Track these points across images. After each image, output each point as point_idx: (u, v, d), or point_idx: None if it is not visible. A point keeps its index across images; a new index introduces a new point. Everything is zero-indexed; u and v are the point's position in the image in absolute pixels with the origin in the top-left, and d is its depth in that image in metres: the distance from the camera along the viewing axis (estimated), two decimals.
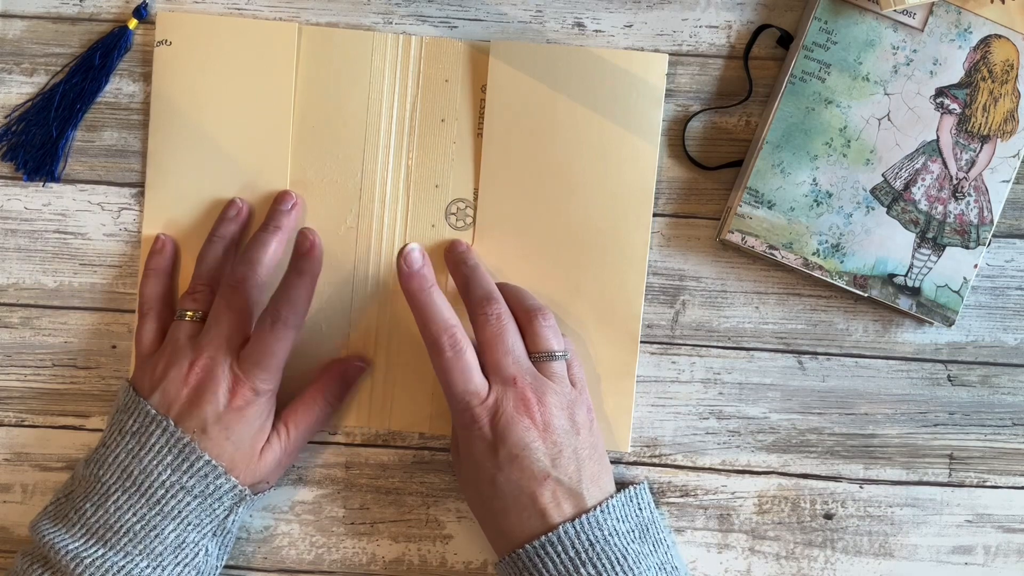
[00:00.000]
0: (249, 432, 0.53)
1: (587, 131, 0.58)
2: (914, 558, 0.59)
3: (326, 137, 0.58)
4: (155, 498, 0.51)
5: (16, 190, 0.59)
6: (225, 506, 0.52)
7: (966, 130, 0.57)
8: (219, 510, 0.52)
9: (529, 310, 0.54)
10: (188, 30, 0.58)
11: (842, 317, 0.59)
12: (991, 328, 0.59)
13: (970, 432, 0.59)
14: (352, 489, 0.59)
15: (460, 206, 0.58)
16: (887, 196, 0.57)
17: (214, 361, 0.52)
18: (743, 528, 0.59)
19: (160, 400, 0.52)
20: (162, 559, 0.51)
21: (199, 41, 0.58)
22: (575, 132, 0.58)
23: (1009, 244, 0.59)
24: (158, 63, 0.58)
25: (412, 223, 0.58)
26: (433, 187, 0.58)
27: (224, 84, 0.58)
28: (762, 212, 0.57)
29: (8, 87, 0.59)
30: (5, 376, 0.59)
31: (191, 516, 0.51)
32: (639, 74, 0.58)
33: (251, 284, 0.54)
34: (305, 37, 0.58)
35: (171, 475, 0.51)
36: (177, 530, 0.51)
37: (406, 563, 0.59)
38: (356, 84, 0.58)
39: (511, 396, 0.51)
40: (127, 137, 0.59)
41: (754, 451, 0.59)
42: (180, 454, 0.51)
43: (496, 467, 0.51)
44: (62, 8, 0.59)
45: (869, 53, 0.57)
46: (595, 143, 0.58)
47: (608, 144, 0.58)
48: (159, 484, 0.51)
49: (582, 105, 0.57)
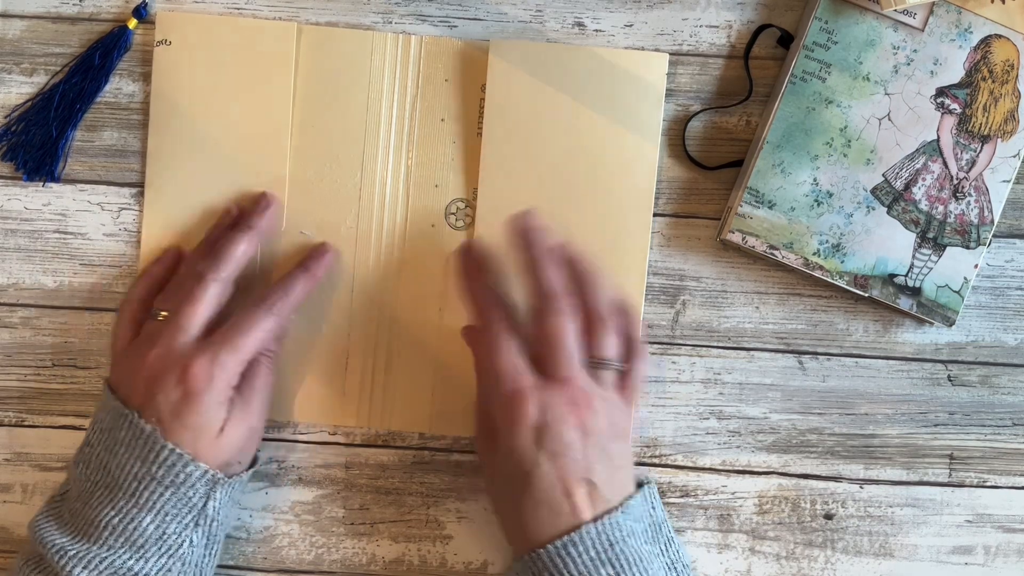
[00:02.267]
0: (206, 416, 0.52)
1: (587, 131, 0.58)
2: (914, 558, 0.59)
3: (326, 137, 0.58)
4: (130, 491, 0.51)
5: (16, 190, 0.59)
6: (200, 493, 0.52)
7: (966, 130, 0.57)
8: (195, 498, 0.51)
9: (598, 317, 0.53)
10: (188, 30, 0.58)
11: (842, 317, 0.59)
12: (991, 328, 0.59)
13: (970, 432, 0.59)
14: (352, 489, 0.59)
15: (459, 206, 0.58)
16: (888, 196, 0.57)
17: (168, 350, 0.52)
18: (743, 528, 0.59)
19: (126, 394, 0.52)
20: (145, 551, 0.51)
21: (199, 41, 0.58)
22: (575, 132, 0.58)
23: (1009, 244, 0.59)
24: (158, 63, 0.58)
25: (412, 223, 0.58)
26: (433, 187, 0.58)
27: (223, 84, 0.58)
28: (763, 212, 0.57)
29: (8, 87, 0.59)
30: (5, 376, 0.59)
31: (167, 506, 0.51)
32: (639, 73, 0.58)
33: (213, 278, 0.54)
34: (305, 37, 0.58)
35: (141, 467, 0.51)
36: (155, 521, 0.51)
37: (406, 563, 0.59)
38: (356, 84, 0.58)
39: (564, 394, 0.51)
40: (127, 137, 0.59)
41: (754, 451, 0.59)
42: (146, 445, 0.51)
43: (535, 462, 0.50)
44: (62, 8, 0.59)
45: (870, 53, 0.57)
46: (595, 143, 0.58)
47: (608, 144, 0.58)
48: (132, 477, 0.51)
49: (582, 104, 0.57)
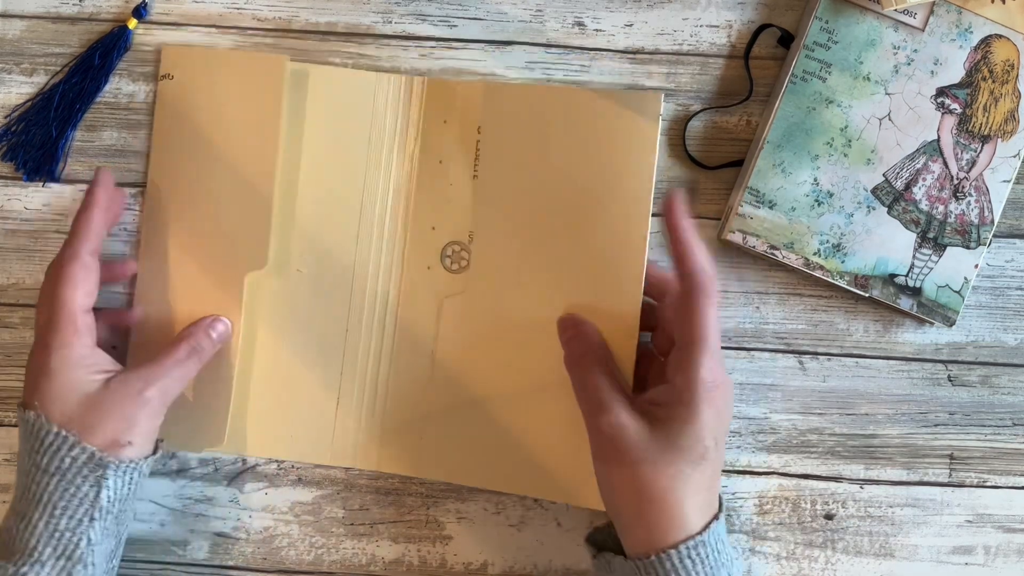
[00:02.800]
0: (72, 388, 0.48)
1: (580, 174, 0.56)
2: (914, 558, 0.59)
3: (327, 177, 0.57)
4: (22, 488, 0.48)
5: (16, 190, 0.59)
6: (89, 481, 0.48)
7: (967, 130, 0.57)
8: (84, 487, 0.48)
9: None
10: (189, 64, 0.57)
11: (843, 317, 0.59)
12: (991, 328, 0.59)
13: (970, 432, 0.59)
14: (352, 490, 0.59)
15: (456, 248, 0.57)
16: (888, 196, 0.57)
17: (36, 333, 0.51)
18: (744, 528, 0.59)
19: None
20: (39, 555, 0.47)
21: (199, 76, 0.57)
22: (568, 174, 0.56)
23: (1009, 244, 0.59)
24: (161, 97, 0.58)
25: (408, 265, 0.57)
26: (430, 229, 0.57)
27: (221, 119, 0.57)
28: (763, 212, 0.57)
29: (8, 87, 0.59)
30: (5, 376, 0.59)
31: (54, 498, 0.48)
32: (633, 113, 0.56)
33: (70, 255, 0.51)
34: (312, 78, 0.57)
35: (28, 460, 0.48)
36: (44, 518, 0.48)
37: (406, 564, 0.59)
38: (359, 124, 0.57)
39: (723, 392, 0.49)
40: (127, 137, 0.59)
41: (755, 451, 0.59)
42: (30, 434, 0.48)
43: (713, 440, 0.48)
44: (62, 8, 0.59)
45: (870, 53, 0.57)
46: (588, 186, 0.56)
47: (602, 186, 0.56)
48: (24, 472, 0.49)
49: (576, 146, 0.56)
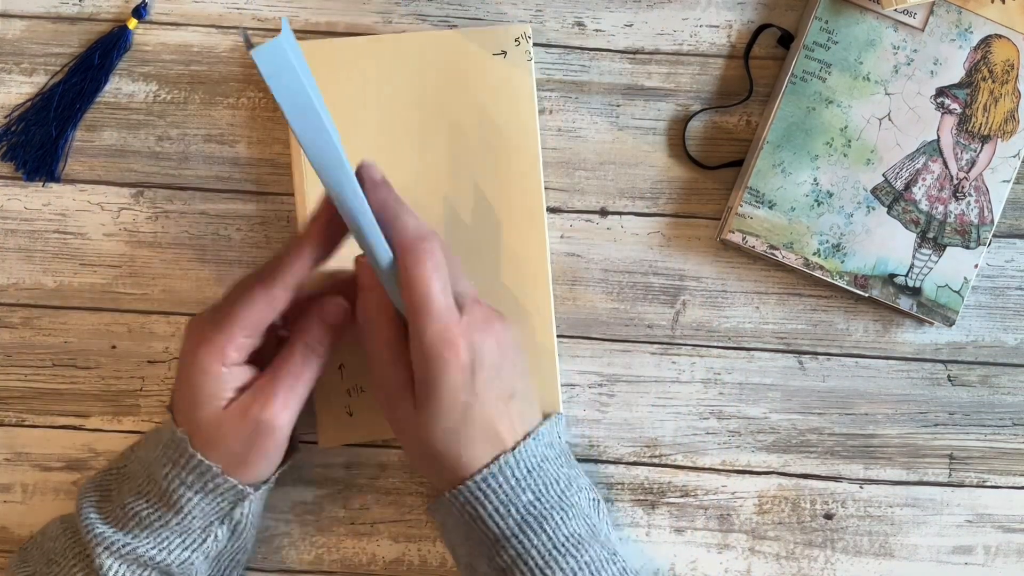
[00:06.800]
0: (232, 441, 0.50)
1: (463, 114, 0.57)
2: (914, 558, 0.59)
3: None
4: (161, 489, 0.51)
5: (16, 190, 0.59)
6: (228, 500, 0.52)
7: (967, 130, 0.57)
8: (223, 504, 0.52)
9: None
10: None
11: (842, 317, 0.59)
12: (991, 328, 0.59)
13: (970, 432, 0.59)
14: (352, 489, 0.59)
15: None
16: (888, 196, 0.57)
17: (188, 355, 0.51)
18: (743, 528, 0.59)
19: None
20: (168, 543, 0.51)
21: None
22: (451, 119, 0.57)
23: (1009, 244, 0.59)
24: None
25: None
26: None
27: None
28: (763, 212, 0.57)
29: (8, 87, 0.59)
30: (5, 376, 0.59)
31: (195, 510, 0.51)
32: (503, 46, 0.56)
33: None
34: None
35: (172, 469, 0.51)
36: (181, 521, 0.51)
37: (406, 563, 0.59)
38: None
39: (477, 315, 0.47)
40: (127, 137, 0.59)
41: (754, 451, 0.59)
42: (176, 450, 0.51)
43: (473, 394, 0.47)
44: (61, 8, 0.59)
45: (870, 53, 0.57)
46: (472, 127, 0.56)
47: (486, 127, 0.56)
48: (162, 477, 0.51)
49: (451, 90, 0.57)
